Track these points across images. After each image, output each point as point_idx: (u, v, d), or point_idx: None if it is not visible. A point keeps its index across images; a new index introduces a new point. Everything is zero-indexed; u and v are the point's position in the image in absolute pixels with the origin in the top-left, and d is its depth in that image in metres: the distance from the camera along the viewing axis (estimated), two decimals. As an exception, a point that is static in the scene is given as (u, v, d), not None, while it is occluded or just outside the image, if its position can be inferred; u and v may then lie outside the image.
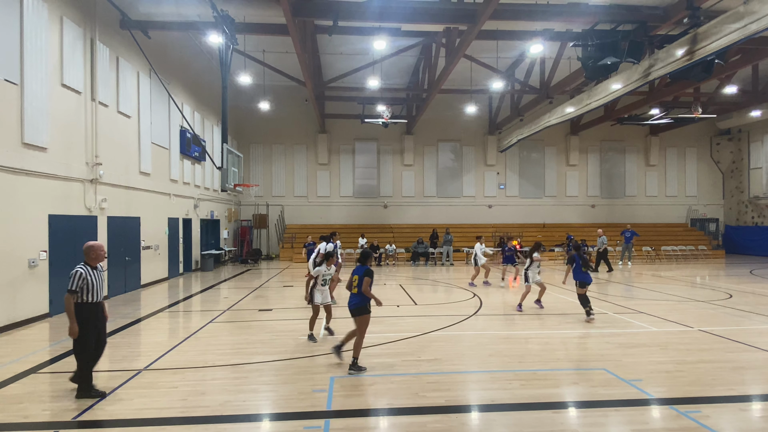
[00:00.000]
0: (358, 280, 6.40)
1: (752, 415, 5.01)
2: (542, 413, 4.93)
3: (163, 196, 15.93)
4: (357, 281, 6.41)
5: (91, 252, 5.63)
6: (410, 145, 26.86)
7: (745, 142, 27.43)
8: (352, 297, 6.48)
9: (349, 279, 6.55)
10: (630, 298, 12.30)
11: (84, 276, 5.42)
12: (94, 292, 5.51)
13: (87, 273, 5.47)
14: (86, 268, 5.51)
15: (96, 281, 5.56)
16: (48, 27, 10.09)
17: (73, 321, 5.32)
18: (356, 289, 6.42)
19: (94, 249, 5.65)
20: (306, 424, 4.70)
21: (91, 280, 5.48)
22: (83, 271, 5.45)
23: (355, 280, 6.44)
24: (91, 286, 5.48)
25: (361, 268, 6.49)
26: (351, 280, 6.51)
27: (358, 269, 6.51)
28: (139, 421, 4.80)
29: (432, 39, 18.02)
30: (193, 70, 18.92)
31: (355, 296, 6.43)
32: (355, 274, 6.49)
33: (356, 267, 6.60)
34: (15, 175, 9.06)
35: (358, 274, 6.44)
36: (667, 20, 13.57)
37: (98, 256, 5.67)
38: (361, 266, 6.55)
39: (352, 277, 6.51)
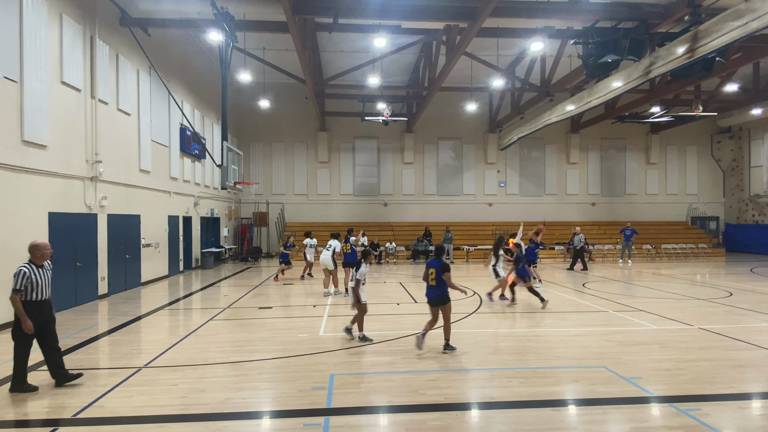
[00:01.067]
0: (436, 273, 6.83)
1: (752, 412, 5.01)
2: (542, 411, 4.93)
3: (163, 194, 15.93)
4: (434, 274, 6.83)
5: (36, 251, 5.70)
6: (410, 143, 26.83)
7: (745, 140, 27.39)
8: (431, 289, 6.90)
9: (425, 272, 7.00)
10: (630, 296, 12.30)
11: (28, 275, 5.50)
12: (39, 291, 5.60)
13: (31, 272, 5.54)
14: (31, 267, 5.59)
15: (41, 280, 5.64)
16: (47, 24, 10.07)
17: (24, 318, 5.42)
18: (435, 282, 6.83)
19: (39, 248, 5.73)
20: (306, 422, 4.70)
21: (35, 279, 5.56)
22: (27, 269, 5.53)
23: (432, 273, 6.85)
24: (36, 284, 5.57)
25: (437, 262, 6.94)
26: (427, 272, 6.91)
27: (434, 262, 6.94)
28: (138, 418, 4.81)
29: (432, 36, 17.98)
30: (193, 68, 18.89)
31: (434, 288, 6.87)
32: (431, 267, 6.88)
33: (431, 260, 7.07)
34: (15, 173, 9.06)
35: (435, 267, 6.85)
36: (668, 18, 13.54)
37: (43, 254, 5.75)
38: (436, 260, 7.00)
39: (428, 270, 6.91)
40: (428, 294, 7.04)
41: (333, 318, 9.60)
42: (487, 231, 25.65)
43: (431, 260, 7.08)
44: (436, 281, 6.84)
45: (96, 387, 5.65)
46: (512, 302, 11.01)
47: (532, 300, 11.61)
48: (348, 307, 10.69)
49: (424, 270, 7.10)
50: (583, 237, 18.81)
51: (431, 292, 6.97)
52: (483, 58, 18.31)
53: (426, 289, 7.09)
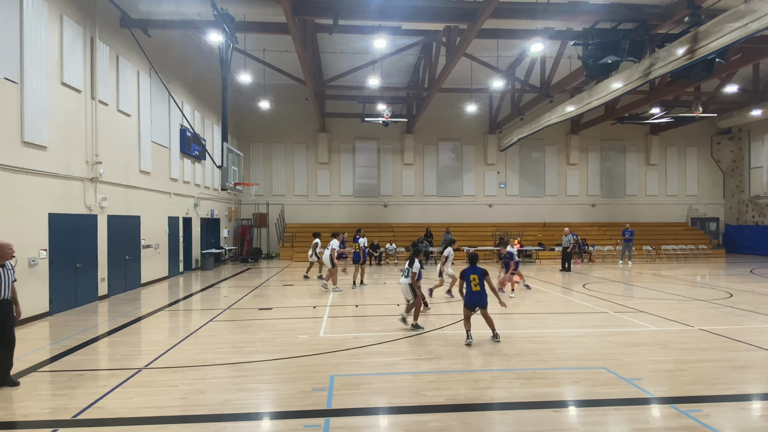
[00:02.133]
0: (479, 279, 7.45)
1: (753, 414, 5.00)
2: (542, 412, 4.92)
3: (163, 195, 15.92)
4: (478, 280, 7.44)
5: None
6: (410, 144, 26.84)
7: (745, 142, 27.41)
8: (479, 295, 7.46)
9: (464, 279, 7.58)
10: (630, 297, 12.29)
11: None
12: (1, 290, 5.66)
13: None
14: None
15: (2, 280, 5.68)
16: (48, 25, 10.08)
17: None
18: (479, 287, 7.42)
19: (1, 248, 5.76)
20: (306, 423, 4.69)
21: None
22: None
23: (475, 279, 7.44)
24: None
25: (478, 269, 7.50)
26: (470, 279, 7.47)
27: (476, 270, 7.50)
28: (138, 419, 4.80)
29: (432, 38, 18.00)
30: (194, 69, 18.91)
31: (480, 293, 7.45)
32: (473, 274, 7.48)
33: (471, 268, 7.56)
34: (15, 174, 9.06)
35: (478, 274, 7.46)
36: (668, 19, 13.55)
37: (4, 254, 5.77)
38: (476, 267, 7.53)
39: (469, 276, 7.48)
40: (477, 300, 7.51)
41: (333, 319, 9.59)
42: (487, 232, 25.65)
43: (472, 268, 7.55)
44: (481, 287, 7.46)
45: (96, 388, 5.64)
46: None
47: (531, 301, 11.64)
48: (347, 307, 10.69)
49: (463, 278, 7.64)
50: (571, 237, 18.82)
51: (479, 297, 7.50)
52: (483, 59, 18.34)
53: (470, 295, 7.54)
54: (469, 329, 7.57)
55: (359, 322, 9.33)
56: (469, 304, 7.55)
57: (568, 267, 18.56)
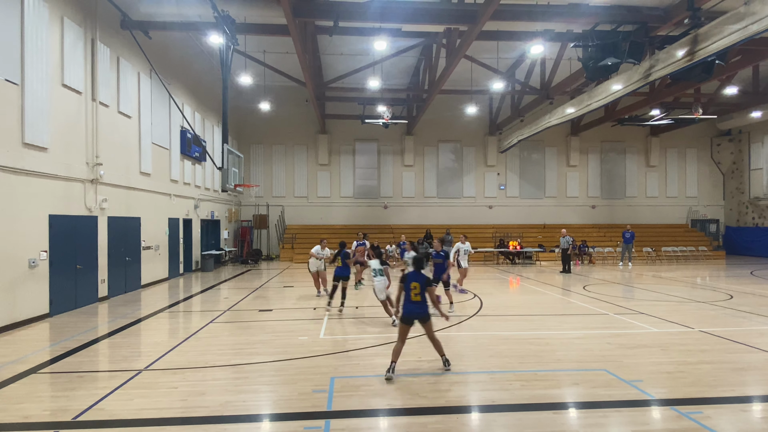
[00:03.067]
0: (420, 288, 6.03)
1: (753, 416, 5.00)
2: (543, 414, 4.92)
3: (163, 197, 15.93)
4: (419, 289, 6.03)
5: None
6: (410, 146, 26.86)
7: (745, 143, 27.43)
8: (418, 306, 6.04)
9: (404, 286, 6.14)
10: (630, 298, 12.28)
11: None
12: None
13: None
14: None
15: None
16: (48, 27, 10.10)
17: None
18: (419, 297, 6.03)
19: None
20: (306, 425, 4.69)
21: None
22: None
23: (416, 287, 6.03)
24: None
25: (422, 277, 6.11)
26: (410, 287, 6.04)
27: (420, 277, 6.10)
28: (139, 421, 4.79)
29: (432, 39, 18.02)
30: (194, 71, 18.93)
31: (420, 304, 6.05)
32: (415, 281, 6.05)
33: (414, 273, 6.15)
34: (15, 175, 9.06)
35: (420, 282, 6.05)
36: (668, 21, 13.58)
37: None
38: (420, 274, 6.15)
39: (410, 283, 6.05)
40: (415, 310, 6.06)
41: (333, 321, 9.58)
42: (488, 233, 25.65)
43: (413, 273, 6.16)
44: (422, 297, 6.06)
45: (96, 390, 5.64)
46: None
47: (531, 303, 11.64)
48: (347, 309, 10.67)
49: (403, 284, 6.20)
50: (569, 239, 18.84)
51: (417, 308, 6.06)
52: (483, 61, 18.37)
53: (408, 305, 6.10)
54: (396, 359, 5.98)
55: (359, 323, 9.33)
56: (406, 315, 6.09)
57: (568, 269, 18.56)
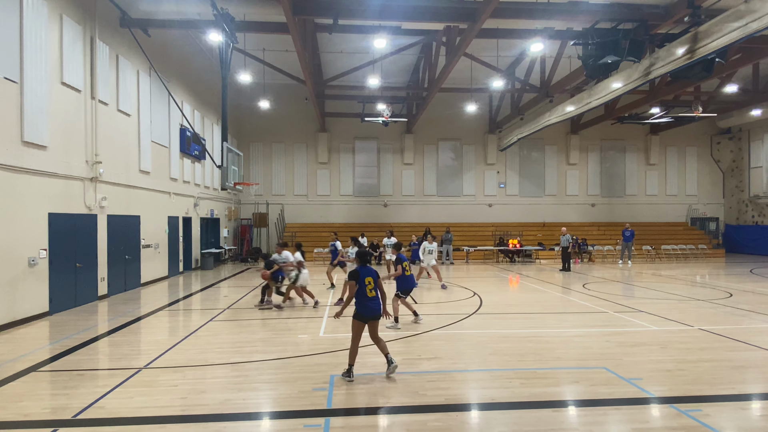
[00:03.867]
0: (374, 282, 5.98)
1: (753, 413, 5.01)
2: (542, 412, 4.92)
3: (163, 195, 15.92)
4: (373, 284, 5.98)
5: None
6: (410, 144, 26.84)
7: (745, 141, 27.42)
8: (375, 302, 5.98)
9: (358, 282, 5.97)
10: (630, 297, 12.29)
11: None
12: None
13: None
14: None
15: None
16: (47, 25, 10.07)
17: None
18: (374, 293, 5.97)
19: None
20: (306, 423, 4.69)
21: None
22: None
23: (370, 282, 5.96)
24: None
25: (373, 271, 6.07)
26: (365, 282, 5.93)
27: (371, 271, 6.05)
28: (138, 419, 4.79)
29: (432, 37, 17.99)
30: (193, 69, 18.90)
31: (375, 300, 5.99)
32: (368, 276, 5.98)
33: (363, 268, 6.06)
34: (15, 174, 9.05)
35: (372, 276, 6.00)
36: (668, 19, 13.55)
37: None
38: (370, 268, 6.11)
39: (364, 278, 5.94)
40: (373, 308, 5.91)
41: (333, 319, 9.57)
42: (487, 232, 25.65)
43: (363, 268, 6.04)
44: (376, 292, 5.98)
45: (96, 388, 5.64)
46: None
47: (531, 301, 11.63)
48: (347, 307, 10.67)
49: (356, 280, 5.98)
50: (569, 237, 18.87)
51: (375, 304, 5.95)
52: (483, 59, 18.33)
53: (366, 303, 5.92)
54: (353, 363, 5.89)
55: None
56: (364, 313, 5.92)
57: (568, 267, 18.58)
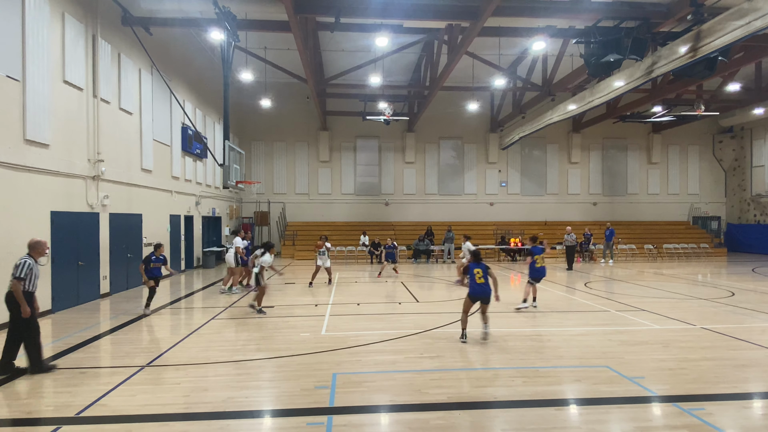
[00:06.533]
0: (483, 272, 7.59)
1: (755, 412, 5.01)
2: (545, 410, 4.92)
3: (164, 193, 15.93)
4: (482, 273, 7.59)
5: (37, 247, 6.28)
6: (412, 143, 26.83)
7: (747, 140, 27.35)
8: (483, 287, 7.58)
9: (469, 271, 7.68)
10: (632, 295, 12.27)
11: (31, 266, 6.07)
12: (34, 282, 6.14)
13: (33, 265, 6.12)
14: (32, 260, 6.14)
15: (38, 273, 6.20)
16: (49, 23, 10.08)
17: (24, 303, 5.90)
18: (483, 280, 7.57)
19: (40, 245, 6.31)
20: (308, 421, 4.70)
21: (35, 272, 6.12)
22: (31, 262, 6.11)
23: (479, 272, 7.58)
24: (34, 277, 6.11)
25: (482, 265, 7.67)
26: (473, 272, 7.60)
27: (480, 265, 7.67)
28: (141, 416, 4.81)
29: (434, 36, 17.97)
30: (195, 67, 18.90)
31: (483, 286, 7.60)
32: (477, 268, 7.63)
33: (473, 263, 7.74)
34: (17, 172, 9.07)
35: (481, 268, 7.62)
36: (671, 17, 13.51)
37: (43, 251, 6.35)
38: (479, 263, 7.71)
39: (473, 270, 7.61)
40: (482, 291, 7.62)
41: (335, 317, 9.59)
42: (489, 230, 25.62)
43: (476, 263, 7.76)
44: (485, 279, 7.64)
45: (99, 386, 5.66)
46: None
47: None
48: (348, 305, 10.69)
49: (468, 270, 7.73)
50: (573, 236, 18.87)
51: (484, 288, 7.62)
52: (485, 58, 18.30)
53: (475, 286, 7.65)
54: (465, 327, 7.64)
55: (361, 320, 9.34)
56: (472, 293, 7.66)
57: (569, 266, 18.59)
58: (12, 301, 5.95)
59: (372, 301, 11.45)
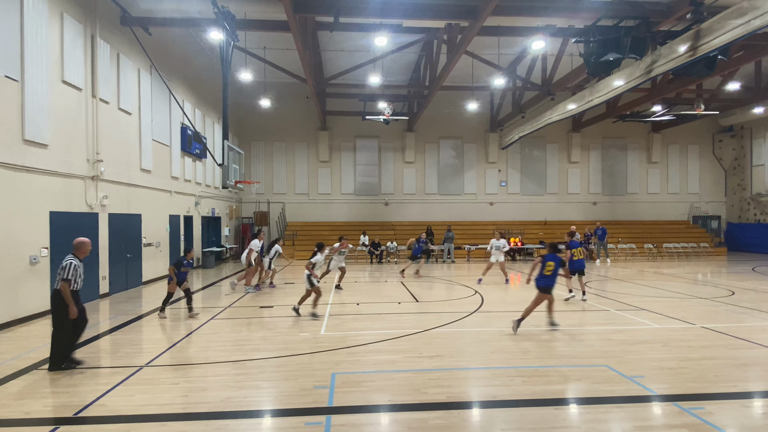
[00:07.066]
0: (555, 266, 8.03)
1: (755, 411, 4.99)
2: (544, 410, 4.91)
3: (164, 194, 15.92)
4: (553, 266, 8.02)
5: (82, 247, 6.45)
6: (411, 143, 26.82)
7: (747, 139, 27.33)
8: (551, 279, 8.08)
9: (542, 263, 8.14)
10: (632, 295, 12.26)
11: (76, 266, 6.24)
12: (80, 282, 6.33)
13: (78, 265, 6.28)
14: (77, 260, 6.30)
15: (82, 273, 6.38)
16: (48, 23, 10.07)
17: (72, 304, 6.11)
18: (550, 272, 8.04)
19: (84, 245, 6.48)
20: (307, 420, 4.69)
21: (79, 272, 6.29)
22: (76, 262, 6.26)
23: (551, 265, 8.02)
24: (79, 276, 6.29)
25: (555, 257, 8.10)
26: (545, 264, 8.04)
27: (553, 257, 8.09)
28: (140, 417, 4.80)
29: (433, 35, 17.96)
30: (194, 67, 18.89)
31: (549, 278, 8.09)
32: (550, 261, 8.05)
33: (549, 255, 8.16)
34: (16, 172, 9.06)
35: (555, 261, 8.05)
36: (670, 16, 13.49)
37: (86, 250, 6.50)
38: (554, 255, 8.14)
39: (546, 262, 8.05)
40: (546, 282, 8.10)
41: (334, 317, 9.58)
42: (488, 230, 25.54)
43: (550, 255, 8.17)
44: (553, 273, 8.11)
45: (97, 386, 5.65)
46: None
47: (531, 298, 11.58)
48: (348, 305, 10.68)
49: (540, 262, 8.20)
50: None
51: (546, 281, 8.10)
52: (484, 57, 18.29)
53: (542, 278, 8.13)
54: (524, 317, 8.15)
55: (360, 320, 9.33)
56: (539, 284, 8.14)
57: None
58: (58, 301, 6.14)
59: (371, 301, 11.43)
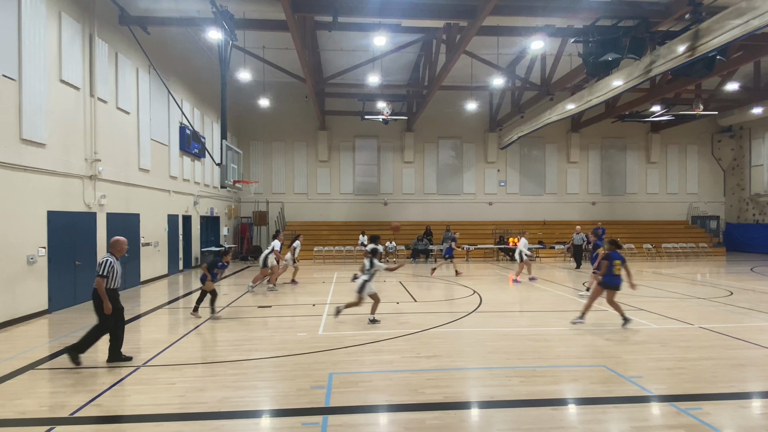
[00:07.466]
0: (621, 264, 8.32)
1: (753, 412, 4.98)
2: (542, 410, 4.90)
3: (162, 193, 15.90)
4: (620, 264, 8.31)
5: (117, 245, 6.63)
6: (410, 142, 26.80)
7: (746, 139, 27.35)
8: (617, 277, 8.34)
9: (610, 263, 8.30)
10: (630, 295, 12.21)
11: (112, 263, 6.38)
12: (117, 279, 6.47)
13: (114, 262, 6.42)
14: (113, 258, 6.45)
15: (119, 270, 6.51)
16: (46, 22, 10.04)
17: (106, 300, 6.28)
18: (620, 271, 8.32)
19: (120, 243, 6.66)
20: (304, 421, 4.67)
21: (116, 269, 6.43)
22: (112, 260, 6.41)
23: (618, 263, 8.29)
24: (115, 273, 6.42)
25: (619, 254, 8.36)
26: (613, 263, 8.27)
27: (618, 255, 8.35)
28: (136, 417, 4.78)
29: (432, 35, 17.94)
30: (193, 67, 18.86)
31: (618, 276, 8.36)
32: (617, 259, 8.29)
33: (613, 253, 8.36)
34: (13, 172, 9.03)
35: (620, 258, 8.33)
36: (669, 16, 13.49)
37: (122, 249, 6.67)
38: (617, 253, 8.37)
39: (614, 260, 8.27)
40: (611, 280, 8.35)
41: (332, 317, 9.57)
42: (488, 230, 25.62)
43: (615, 253, 8.37)
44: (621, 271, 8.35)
45: (94, 385, 5.63)
46: None
47: (531, 299, 11.62)
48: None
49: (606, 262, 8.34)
50: (583, 236, 18.83)
51: (615, 279, 8.35)
52: (483, 57, 18.28)
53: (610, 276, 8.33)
54: (585, 312, 8.57)
55: (358, 320, 9.32)
56: (606, 282, 8.37)
57: (579, 265, 18.56)
58: (95, 297, 6.34)
59: (370, 301, 11.40)
